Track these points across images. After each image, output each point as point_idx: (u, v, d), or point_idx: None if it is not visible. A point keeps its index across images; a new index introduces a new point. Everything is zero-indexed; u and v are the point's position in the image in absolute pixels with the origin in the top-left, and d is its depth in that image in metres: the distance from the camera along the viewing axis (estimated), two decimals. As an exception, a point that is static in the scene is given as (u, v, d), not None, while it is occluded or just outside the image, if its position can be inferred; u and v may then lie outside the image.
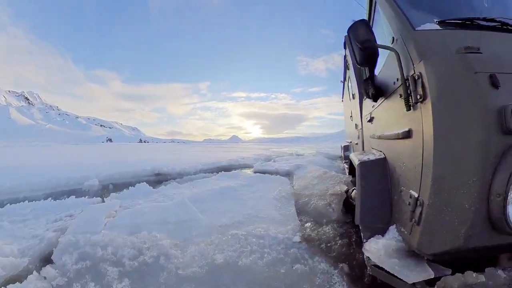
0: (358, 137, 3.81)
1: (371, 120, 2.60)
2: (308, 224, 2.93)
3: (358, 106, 3.63)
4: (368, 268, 1.55)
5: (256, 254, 2.17)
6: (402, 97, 1.44)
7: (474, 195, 1.08)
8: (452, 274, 1.22)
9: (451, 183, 1.14)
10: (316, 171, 5.48)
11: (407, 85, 1.40)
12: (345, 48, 4.91)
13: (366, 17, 2.33)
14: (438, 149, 1.17)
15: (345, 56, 5.15)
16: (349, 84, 4.88)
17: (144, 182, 4.98)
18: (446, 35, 1.38)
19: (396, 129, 1.66)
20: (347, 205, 3.16)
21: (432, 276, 1.24)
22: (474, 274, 1.13)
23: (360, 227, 1.82)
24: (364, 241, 1.67)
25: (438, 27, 1.43)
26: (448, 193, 1.15)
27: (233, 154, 13.60)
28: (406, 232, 1.42)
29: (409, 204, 1.38)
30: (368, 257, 1.56)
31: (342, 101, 7.42)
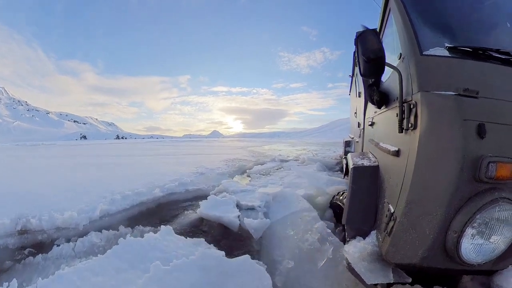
0: (360, 136, 3.84)
1: (372, 124, 2.61)
2: None
3: (363, 106, 3.57)
4: (346, 265, 1.74)
5: None
6: (398, 117, 1.49)
7: (435, 225, 1.22)
8: (412, 283, 1.43)
9: (420, 209, 1.28)
10: (314, 223, 2.77)
11: (403, 109, 1.43)
12: (355, 44, 3.85)
13: (378, 24, 2.29)
14: (416, 176, 1.28)
15: (354, 52, 4.72)
16: (357, 80, 4.73)
17: None
18: (452, 65, 1.36)
19: (389, 144, 1.74)
20: (333, 207, 3.27)
21: (391, 281, 1.42)
22: None
23: (345, 227, 1.92)
24: (348, 239, 1.83)
25: (446, 53, 1.38)
26: (416, 217, 1.29)
27: (199, 159, 9.19)
28: (380, 239, 1.59)
29: (386, 216, 1.54)
30: (345, 256, 1.72)
31: (349, 94, 7.11)
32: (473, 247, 1.18)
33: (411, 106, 1.36)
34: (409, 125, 1.37)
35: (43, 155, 11.56)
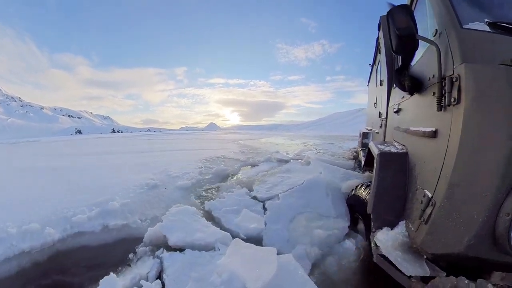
0: (381, 126, 3.67)
1: (398, 111, 2.49)
2: None
3: (386, 94, 3.37)
4: (374, 256, 1.66)
5: None
6: (435, 95, 1.41)
7: (484, 208, 1.11)
8: (446, 276, 1.30)
9: (466, 192, 1.17)
10: None
11: (443, 84, 1.35)
12: (379, 30, 4.17)
13: (408, 2, 2.24)
14: (461, 157, 1.18)
15: (377, 39, 4.54)
16: (378, 68, 4.46)
17: None
18: (495, 40, 1.28)
19: (423, 126, 1.64)
20: (349, 200, 3.15)
21: (428, 274, 1.33)
22: (466, 281, 1.19)
23: (371, 216, 1.83)
24: (373, 230, 1.75)
25: (487, 28, 1.32)
26: (461, 201, 1.19)
27: (171, 159, 6.73)
28: (413, 229, 1.50)
29: (421, 202, 1.44)
30: (376, 245, 1.63)
31: (368, 85, 6.63)
32: None
33: (454, 80, 1.27)
34: (452, 100, 1.27)
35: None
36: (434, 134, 1.44)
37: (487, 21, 1.32)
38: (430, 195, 1.36)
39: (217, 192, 4.19)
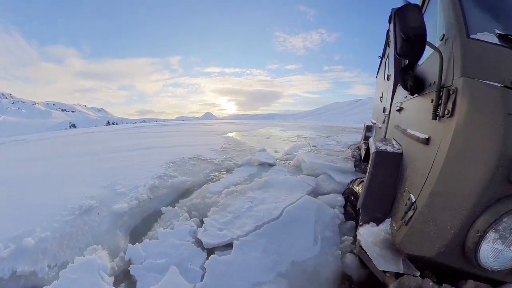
0: (383, 122, 3.60)
1: (400, 110, 2.47)
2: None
3: (391, 90, 3.28)
4: (357, 248, 1.78)
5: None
6: (433, 103, 1.39)
7: (458, 220, 1.15)
8: (420, 276, 1.35)
9: (445, 202, 1.22)
10: None
11: (440, 94, 1.35)
12: (389, 22, 3.82)
13: (419, 2, 2.13)
14: (446, 168, 1.21)
15: (387, 31, 4.41)
16: (387, 62, 4.27)
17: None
18: (502, 54, 1.23)
19: (419, 131, 1.66)
20: (345, 193, 3.17)
21: (401, 271, 1.39)
22: (431, 283, 1.23)
23: (360, 211, 1.90)
24: (360, 224, 1.83)
25: (496, 40, 1.26)
26: (439, 209, 1.24)
27: (128, 164, 5.07)
28: (395, 228, 1.58)
29: (405, 204, 1.50)
30: (359, 239, 1.72)
31: (376, 77, 6.41)
32: (493, 251, 1.12)
33: (450, 92, 1.26)
34: (445, 112, 1.28)
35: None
36: (426, 141, 1.47)
37: (497, 33, 1.27)
38: (414, 199, 1.42)
39: (155, 224, 3.03)
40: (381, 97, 4.53)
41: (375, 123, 5.01)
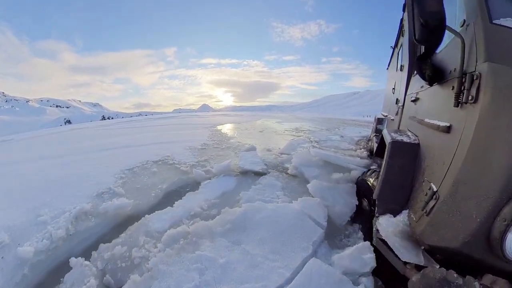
0: (396, 114, 3.50)
1: (415, 100, 2.40)
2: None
3: (405, 80, 3.18)
4: (374, 239, 1.74)
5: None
6: (454, 90, 1.37)
7: (484, 210, 1.11)
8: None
9: (470, 190, 1.17)
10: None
11: (463, 80, 1.31)
12: (403, 11, 3.74)
13: None
14: (470, 156, 1.17)
15: (401, 20, 4.20)
16: (400, 52, 4.12)
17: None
18: None
19: (438, 119, 1.61)
20: (358, 183, 3.05)
21: (422, 263, 1.37)
22: (455, 275, 1.17)
23: (376, 202, 1.86)
24: (377, 215, 1.80)
25: None
26: (463, 198, 1.19)
27: (79, 172, 4.01)
28: (414, 219, 1.53)
29: (426, 194, 1.46)
30: (377, 229, 1.69)
31: (387, 68, 6.07)
32: None
33: (474, 78, 1.23)
34: (469, 98, 1.24)
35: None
36: (447, 129, 1.43)
37: None
38: (435, 189, 1.38)
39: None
40: (393, 88, 4.42)
41: (386, 116, 4.83)
